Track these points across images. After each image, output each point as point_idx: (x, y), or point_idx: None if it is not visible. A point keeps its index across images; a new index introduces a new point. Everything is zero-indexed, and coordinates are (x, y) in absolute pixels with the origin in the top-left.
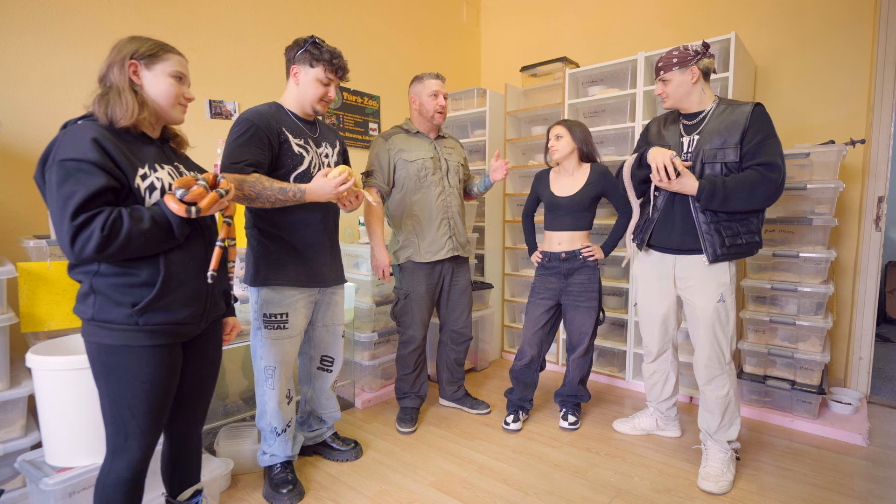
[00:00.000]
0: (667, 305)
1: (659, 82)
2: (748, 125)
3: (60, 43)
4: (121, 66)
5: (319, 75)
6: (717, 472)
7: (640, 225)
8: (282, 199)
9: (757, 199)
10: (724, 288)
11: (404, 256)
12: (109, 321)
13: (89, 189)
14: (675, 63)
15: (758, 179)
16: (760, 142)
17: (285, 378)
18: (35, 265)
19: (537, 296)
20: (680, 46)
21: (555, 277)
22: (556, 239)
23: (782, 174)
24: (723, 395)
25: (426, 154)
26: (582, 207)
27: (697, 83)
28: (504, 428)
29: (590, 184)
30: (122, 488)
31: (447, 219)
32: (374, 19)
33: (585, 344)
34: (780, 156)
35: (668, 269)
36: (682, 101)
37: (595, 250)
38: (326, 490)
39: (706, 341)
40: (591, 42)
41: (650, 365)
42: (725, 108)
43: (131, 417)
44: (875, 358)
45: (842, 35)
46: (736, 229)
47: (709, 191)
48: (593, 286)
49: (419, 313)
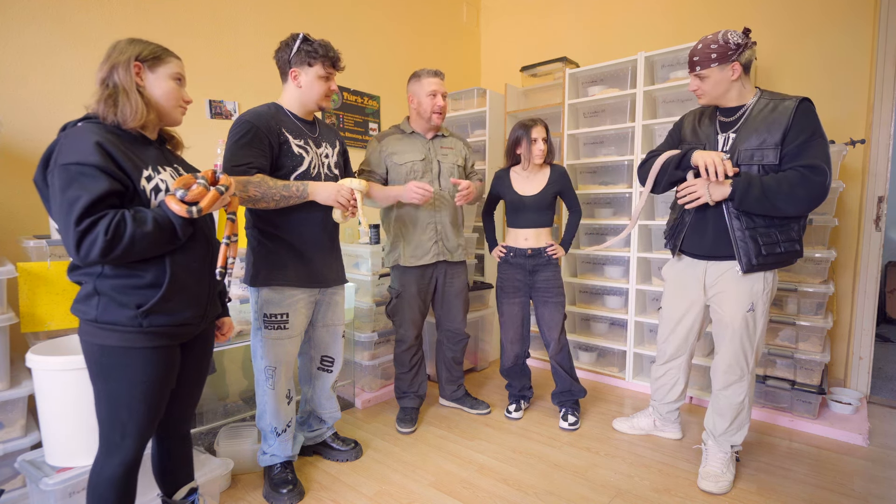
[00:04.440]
0: (693, 314)
1: (693, 77)
2: (791, 123)
3: (60, 43)
4: (126, 67)
5: (319, 72)
6: (718, 471)
7: (672, 229)
8: (286, 196)
9: (797, 202)
10: (756, 297)
11: (392, 259)
12: (113, 322)
13: (93, 194)
14: (713, 59)
15: (799, 180)
16: (805, 142)
17: (285, 378)
18: (35, 265)
19: (510, 296)
20: (719, 38)
21: (520, 272)
22: (521, 235)
23: (828, 177)
24: (737, 402)
25: (416, 156)
26: (545, 205)
27: (738, 79)
28: (506, 416)
29: (552, 183)
30: (116, 485)
31: (434, 223)
32: (374, 19)
33: (557, 337)
34: (825, 158)
35: (698, 276)
36: (719, 98)
37: (557, 249)
38: (326, 490)
39: (730, 349)
40: (591, 42)
41: (661, 366)
42: (767, 102)
43: (129, 417)
44: (875, 358)
45: (842, 34)
46: (775, 237)
47: (743, 188)
48: (559, 282)
49: (410, 313)
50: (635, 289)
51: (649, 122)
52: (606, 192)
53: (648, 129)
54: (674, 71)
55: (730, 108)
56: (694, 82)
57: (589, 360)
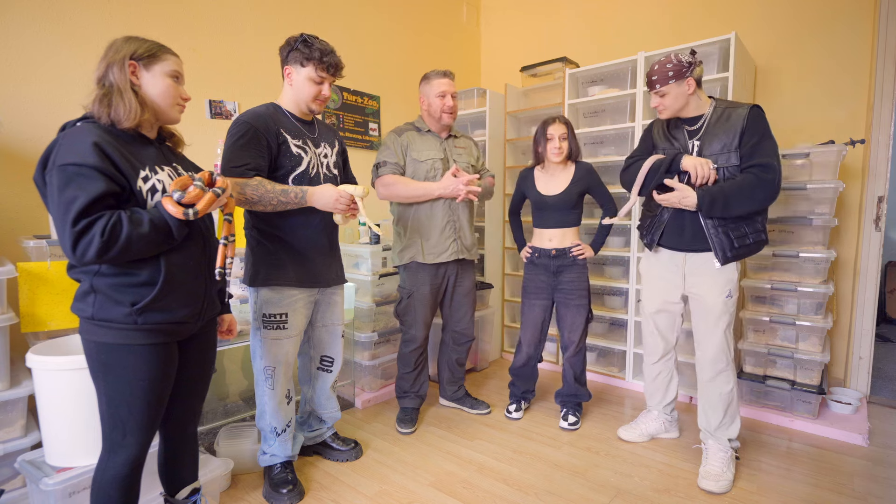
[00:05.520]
0: (674, 302)
1: (654, 95)
2: (745, 127)
3: (60, 43)
4: (121, 66)
5: (311, 74)
6: (718, 471)
7: (647, 225)
8: (283, 201)
9: (757, 201)
10: (732, 284)
11: (408, 257)
12: (109, 320)
13: (90, 194)
14: (670, 77)
15: (755, 182)
16: (756, 144)
17: (285, 378)
18: (35, 265)
19: (532, 297)
20: (672, 58)
21: (544, 274)
22: (546, 236)
23: (777, 174)
24: (727, 392)
25: (436, 154)
26: (569, 205)
27: (694, 93)
28: (506, 416)
29: (576, 181)
30: (120, 485)
31: (452, 221)
32: (374, 19)
33: (577, 341)
34: (774, 156)
35: (678, 267)
36: (680, 111)
37: (585, 249)
38: (326, 490)
39: (716, 336)
40: (591, 42)
41: (655, 366)
42: (723, 111)
43: (129, 415)
44: (875, 358)
45: (842, 35)
46: (743, 230)
47: (708, 202)
48: (583, 284)
49: (422, 313)
50: (635, 289)
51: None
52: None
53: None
54: None
55: (691, 117)
56: (655, 99)
57: (589, 359)
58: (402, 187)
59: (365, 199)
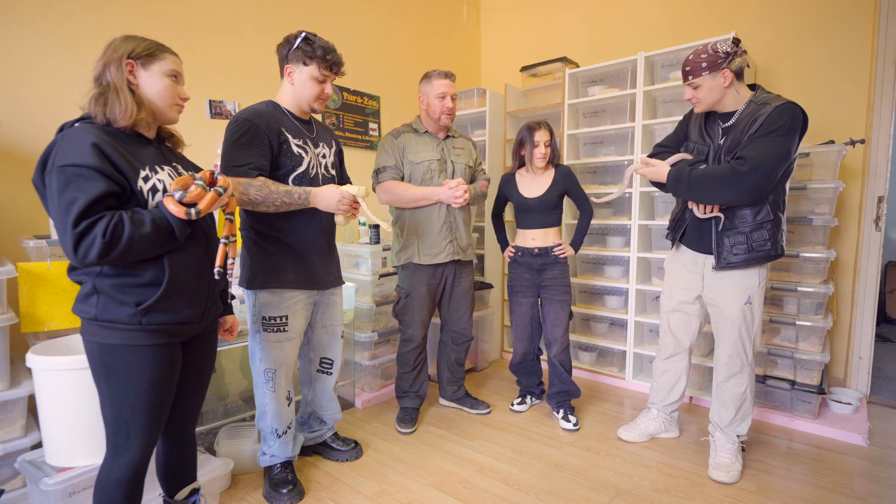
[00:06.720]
0: (691, 301)
1: (687, 87)
2: (762, 123)
3: (60, 43)
4: (118, 65)
5: (314, 73)
6: (728, 461)
7: (673, 221)
8: (287, 202)
9: (720, 195)
10: (752, 291)
11: (405, 257)
12: (112, 321)
13: (90, 195)
14: (704, 67)
15: (723, 174)
16: (756, 137)
17: (286, 381)
18: (35, 265)
19: (518, 295)
20: (708, 48)
21: (528, 272)
22: (529, 236)
23: (758, 171)
24: (740, 393)
25: (433, 155)
26: (550, 206)
27: (731, 86)
28: (510, 408)
29: (556, 184)
30: (124, 487)
31: (449, 223)
32: (374, 19)
33: (560, 336)
34: (766, 153)
35: (697, 267)
36: (715, 104)
37: (566, 248)
38: (326, 490)
39: (729, 341)
40: (591, 42)
41: (663, 362)
42: (755, 108)
43: (133, 416)
44: (875, 358)
45: (841, 35)
46: (742, 240)
47: (673, 178)
48: (565, 280)
49: (419, 313)
50: (635, 289)
51: (649, 122)
52: (606, 192)
53: (648, 129)
54: (674, 71)
55: (726, 112)
56: (688, 91)
57: (589, 360)
58: (404, 192)
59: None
